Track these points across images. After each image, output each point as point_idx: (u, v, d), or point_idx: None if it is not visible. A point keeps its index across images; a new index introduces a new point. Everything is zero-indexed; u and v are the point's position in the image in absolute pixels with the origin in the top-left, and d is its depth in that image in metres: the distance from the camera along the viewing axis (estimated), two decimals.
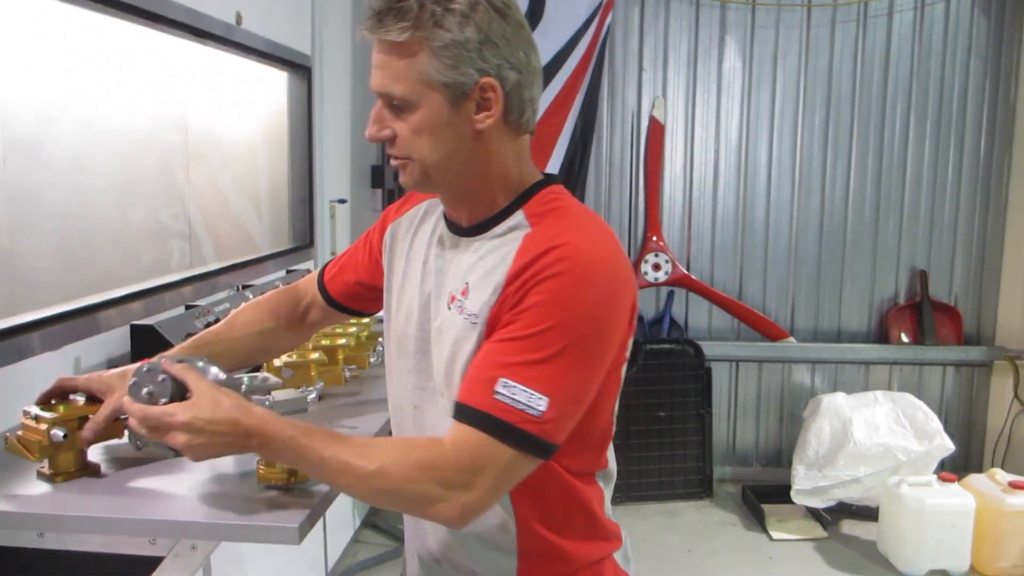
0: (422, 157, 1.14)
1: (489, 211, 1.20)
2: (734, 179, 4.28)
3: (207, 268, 2.61)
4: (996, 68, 4.11)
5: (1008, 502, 3.46)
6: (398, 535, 3.81)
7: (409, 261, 1.31)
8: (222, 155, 2.81)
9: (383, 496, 1.12)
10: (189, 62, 2.48)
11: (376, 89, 1.14)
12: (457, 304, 1.18)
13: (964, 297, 4.30)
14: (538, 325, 1.06)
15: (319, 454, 1.10)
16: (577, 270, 1.08)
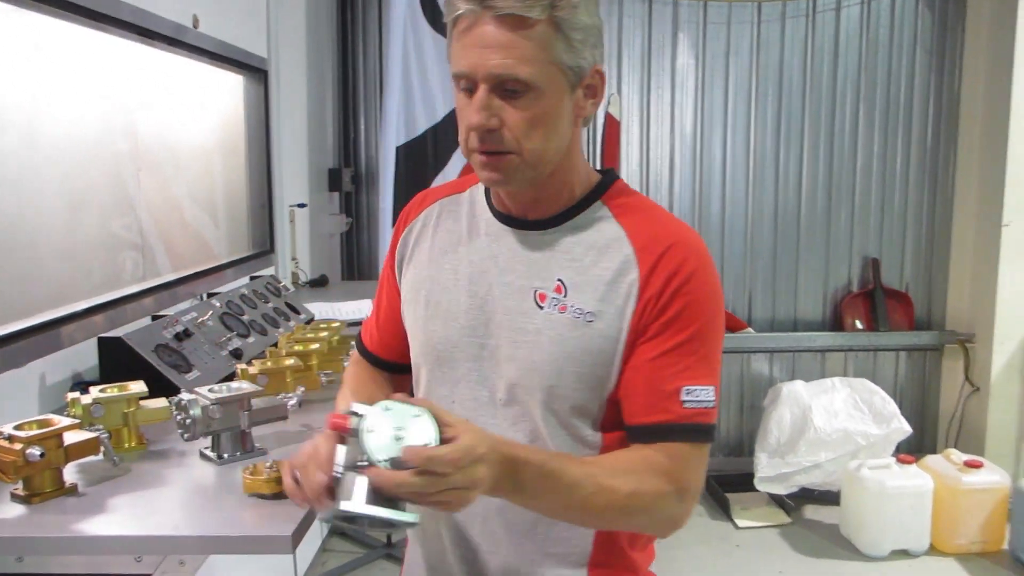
0: (533, 148, 1.07)
1: (568, 202, 1.17)
2: (689, 173, 4.32)
3: (167, 278, 2.55)
4: (940, 61, 4.22)
5: (964, 481, 3.55)
6: (367, 542, 3.78)
7: (437, 265, 1.22)
8: (175, 162, 2.74)
9: (631, 517, 1.09)
10: (138, 65, 2.41)
11: (495, 71, 1.03)
12: (553, 302, 1.12)
13: (915, 283, 4.41)
14: (690, 328, 1.09)
15: (571, 477, 1.02)
16: (700, 263, 1.12)
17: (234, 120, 3.12)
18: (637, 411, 1.10)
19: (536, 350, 1.11)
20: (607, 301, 1.11)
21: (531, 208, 1.17)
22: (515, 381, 1.13)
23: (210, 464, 1.54)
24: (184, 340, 2.01)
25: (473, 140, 1.08)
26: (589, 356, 1.10)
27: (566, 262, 1.14)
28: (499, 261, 1.17)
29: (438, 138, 3.81)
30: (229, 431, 1.55)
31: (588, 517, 1.09)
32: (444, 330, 1.18)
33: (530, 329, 1.12)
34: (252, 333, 2.33)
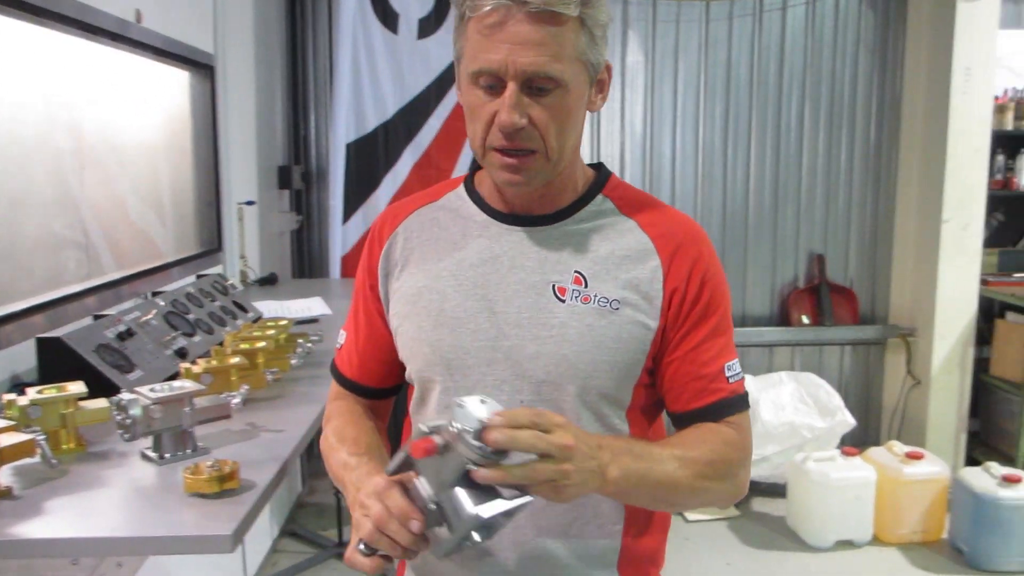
0: (554, 145, 1.08)
1: (573, 196, 1.18)
2: (640, 170, 4.36)
3: (110, 277, 2.50)
4: (883, 61, 4.31)
5: (906, 472, 3.64)
6: (319, 542, 3.76)
7: (432, 274, 1.19)
8: (120, 159, 2.70)
9: (710, 489, 1.12)
10: (82, 61, 2.37)
11: (528, 69, 1.02)
12: (575, 294, 1.12)
13: (859, 279, 4.50)
14: (718, 310, 1.15)
15: (659, 456, 1.07)
16: (711, 249, 1.18)
17: (180, 117, 3.07)
18: (690, 397, 1.15)
19: (564, 344, 1.11)
20: (630, 288, 1.13)
21: (537, 204, 1.17)
22: (544, 378, 1.11)
23: (151, 464, 1.52)
24: (127, 340, 1.98)
25: (498, 139, 1.06)
26: (620, 343, 1.12)
27: (581, 254, 1.14)
28: (504, 260, 1.16)
29: (389, 135, 3.80)
30: (171, 431, 1.54)
31: (678, 494, 1.11)
32: (453, 338, 1.15)
33: (554, 324, 1.11)
34: (198, 332, 2.31)
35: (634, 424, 1.18)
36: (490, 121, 1.06)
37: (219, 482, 1.35)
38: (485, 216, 1.20)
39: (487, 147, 1.08)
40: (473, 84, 1.06)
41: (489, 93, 1.05)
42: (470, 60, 1.06)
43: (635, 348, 1.13)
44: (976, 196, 4.01)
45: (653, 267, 1.14)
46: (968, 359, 4.16)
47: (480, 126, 1.08)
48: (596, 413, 1.14)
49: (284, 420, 1.75)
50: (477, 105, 1.07)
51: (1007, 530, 3.41)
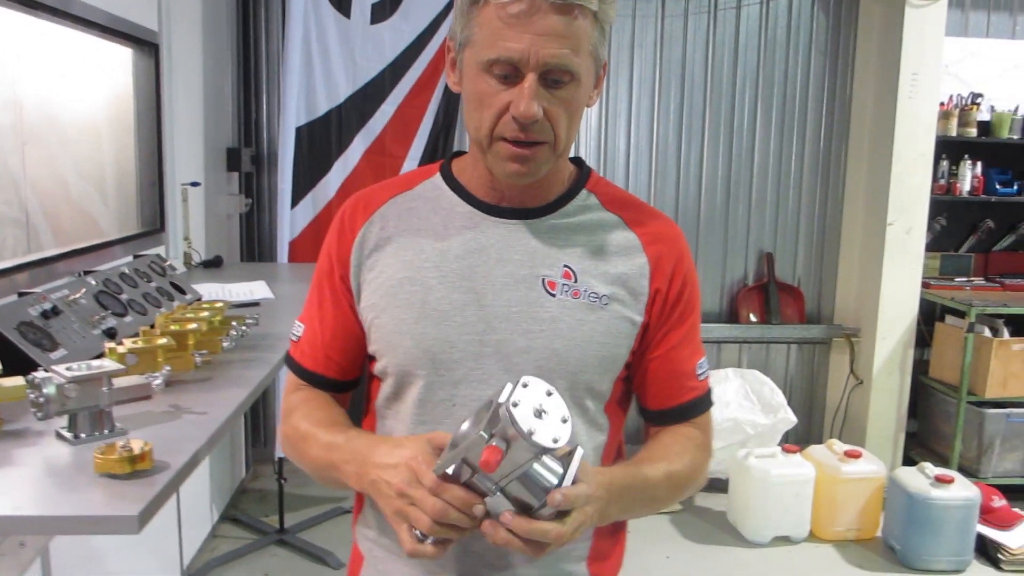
0: (563, 137, 1.08)
1: (560, 190, 1.18)
2: (594, 164, 4.35)
3: (44, 254, 2.46)
4: (834, 63, 4.36)
5: (844, 470, 3.70)
6: (260, 528, 3.73)
7: (413, 265, 1.15)
8: (62, 136, 2.65)
9: (685, 492, 1.20)
10: (22, 36, 2.32)
11: (551, 61, 1.02)
12: (565, 288, 1.12)
13: (806, 278, 4.55)
14: (694, 311, 1.20)
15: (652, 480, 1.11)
16: (688, 249, 1.21)
17: (124, 95, 3.02)
18: (667, 395, 1.19)
19: (556, 338, 1.11)
20: (618, 284, 1.14)
21: (526, 196, 1.15)
22: (534, 373, 1.08)
23: (65, 444, 1.49)
24: (52, 318, 1.94)
25: (511, 129, 1.04)
26: (609, 338, 1.13)
27: (570, 248, 1.14)
28: (491, 252, 1.14)
29: (340, 120, 3.76)
30: (87, 410, 1.51)
31: (659, 506, 1.18)
32: (438, 331, 1.12)
33: (544, 317, 1.11)
34: (130, 312, 2.26)
35: (612, 416, 1.20)
36: (502, 110, 1.04)
37: (130, 463, 1.33)
38: (468, 207, 1.17)
39: (495, 136, 1.06)
40: (485, 72, 1.04)
41: (502, 82, 1.03)
42: (486, 47, 1.03)
43: (621, 343, 1.15)
44: (920, 200, 4.08)
45: (640, 264, 1.15)
46: (908, 361, 4.23)
47: (490, 114, 1.05)
48: (581, 407, 1.15)
49: (209, 402, 1.73)
50: (488, 93, 1.05)
51: (937, 529, 3.48)
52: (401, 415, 1.17)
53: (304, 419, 1.20)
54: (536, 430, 0.87)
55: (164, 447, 1.46)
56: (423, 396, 1.14)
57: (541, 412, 0.89)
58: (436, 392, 1.13)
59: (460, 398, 1.12)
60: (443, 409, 1.13)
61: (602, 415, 1.19)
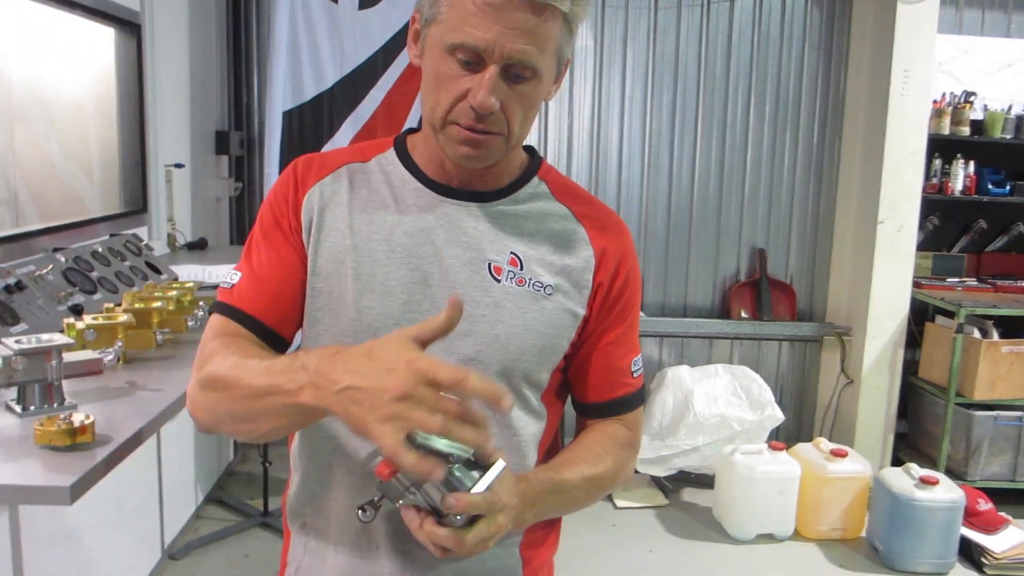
0: (515, 131, 1.07)
1: (511, 176, 1.17)
2: (587, 156, 4.35)
3: (19, 231, 2.45)
4: (828, 58, 4.32)
5: (829, 469, 3.67)
6: (245, 510, 3.73)
7: (361, 235, 1.12)
8: (48, 116, 2.65)
9: (608, 490, 1.21)
10: (7, 16, 2.32)
11: (515, 56, 1.00)
12: (510, 275, 1.12)
13: (798, 275, 4.52)
14: (634, 309, 1.20)
15: (570, 483, 1.11)
16: (633, 245, 1.22)
17: (107, 75, 3.02)
18: (601, 389, 1.20)
19: (496, 324, 1.10)
20: (563, 275, 1.14)
21: (478, 179, 1.14)
22: (472, 356, 1.09)
23: (13, 416, 1.49)
24: (15, 293, 1.94)
25: (465, 116, 1.03)
26: (550, 328, 1.13)
27: (517, 235, 1.14)
28: (439, 233, 1.12)
29: (332, 103, 3.75)
30: (35, 383, 1.50)
31: (579, 507, 1.17)
32: (382, 306, 1.09)
33: (487, 302, 1.10)
34: (100, 290, 2.26)
35: (549, 405, 1.20)
36: (460, 96, 1.03)
37: (70, 435, 1.32)
38: (419, 184, 1.15)
39: (449, 120, 1.05)
40: (447, 53, 1.02)
41: (463, 67, 1.02)
42: (452, 30, 1.01)
43: (562, 334, 1.14)
44: (911, 198, 4.04)
45: (586, 257, 1.15)
46: (898, 361, 4.19)
47: (447, 97, 1.04)
48: (518, 394, 1.13)
49: (165, 380, 1.72)
50: (447, 76, 1.03)
51: (921, 531, 3.45)
52: None
53: (228, 357, 1.03)
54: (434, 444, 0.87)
55: (110, 422, 1.46)
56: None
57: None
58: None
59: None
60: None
61: (540, 404, 1.18)
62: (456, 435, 0.86)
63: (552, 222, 1.16)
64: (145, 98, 3.08)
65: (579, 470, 1.13)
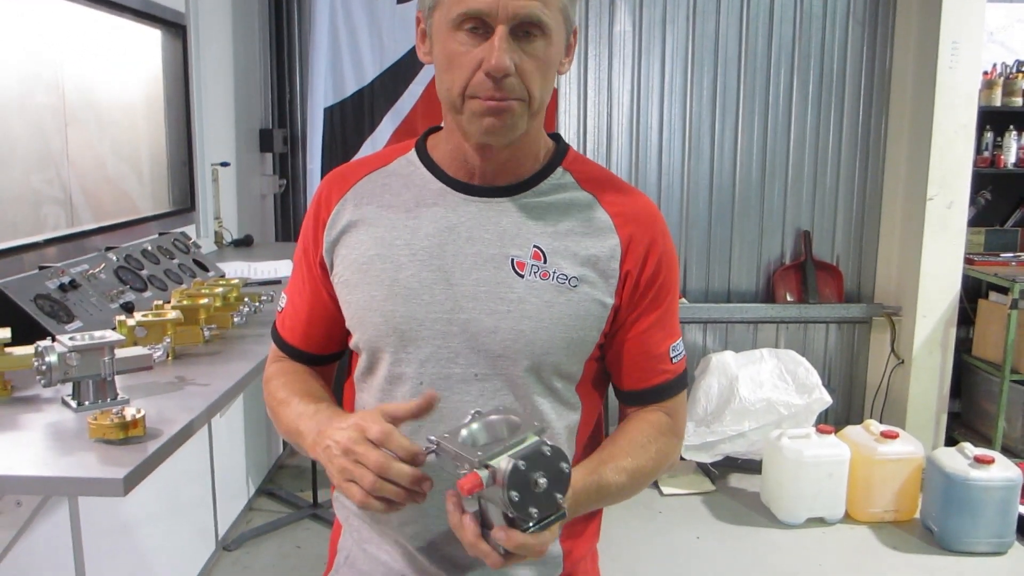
0: (537, 95, 1.06)
1: (534, 167, 1.16)
2: (627, 143, 4.32)
3: (73, 231, 2.53)
4: (873, 34, 4.23)
5: (880, 451, 3.62)
6: (294, 502, 3.80)
7: (385, 242, 1.15)
8: (100, 117, 2.73)
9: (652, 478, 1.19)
10: (61, 20, 2.40)
11: (521, 12, 1.00)
12: (534, 269, 1.11)
13: (845, 257, 4.45)
14: (670, 294, 1.18)
15: (612, 479, 1.10)
16: (666, 232, 1.19)
17: (154, 76, 3.09)
18: (640, 377, 1.18)
19: (523, 319, 1.10)
20: (589, 266, 1.12)
21: (499, 174, 1.14)
22: (500, 352, 1.10)
23: (68, 411, 1.54)
24: (69, 291, 2.00)
25: (483, 86, 1.03)
26: (577, 320, 1.11)
27: (540, 228, 1.12)
28: (461, 231, 1.12)
29: (373, 99, 3.79)
30: (90, 379, 1.55)
31: (624, 499, 1.16)
32: (407, 308, 1.11)
33: (512, 298, 1.10)
34: (150, 288, 2.32)
35: (585, 397, 1.19)
36: (474, 68, 1.02)
37: (122, 429, 1.36)
38: (441, 184, 1.16)
39: (467, 95, 1.04)
40: (455, 29, 1.03)
41: (473, 37, 1.02)
42: (455, 3, 1.02)
43: (591, 325, 1.13)
44: (961, 173, 3.95)
45: (612, 246, 1.13)
46: (950, 339, 4.11)
47: (462, 73, 1.04)
48: (548, 387, 1.14)
49: (213, 375, 1.77)
50: (459, 53, 1.03)
51: (976, 511, 3.39)
52: (372, 389, 1.18)
53: (282, 387, 1.22)
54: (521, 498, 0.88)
55: (161, 416, 1.50)
56: (391, 372, 1.14)
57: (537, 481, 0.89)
58: (403, 369, 1.13)
59: (427, 375, 1.12)
60: (410, 386, 1.12)
61: (574, 395, 1.17)
62: (385, 482, 0.94)
63: (576, 212, 1.15)
64: (191, 98, 3.15)
65: (622, 465, 1.12)
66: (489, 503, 0.91)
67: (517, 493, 0.87)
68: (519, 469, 0.87)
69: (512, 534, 0.89)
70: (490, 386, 1.11)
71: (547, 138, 1.19)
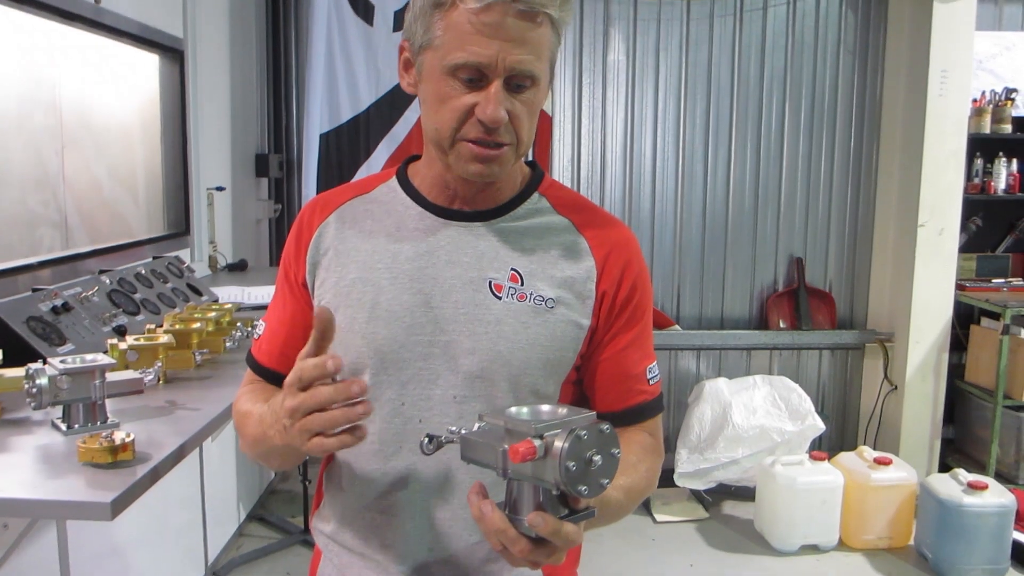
0: (524, 139, 1.09)
1: (511, 192, 1.19)
2: (620, 170, 4.35)
3: (67, 253, 2.53)
4: (864, 63, 4.28)
5: (873, 477, 3.62)
6: (285, 528, 3.78)
7: (367, 266, 1.16)
8: (97, 140, 2.74)
9: (640, 499, 1.19)
10: (60, 43, 2.42)
11: (517, 66, 1.03)
12: (511, 291, 1.13)
13: (837, 283, 4.47)
14: (644, 315, 1.20)
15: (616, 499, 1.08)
16: (639, 253, 1.21)
17: (151, 101, 3.11)
18: (617, 398, 1.19)
19: (500, 340, 1.11)
20: (565, 287, 1.14)
21: (478, 199, 1.16)
22: (478, 374, 1.11)
23: (58, 434, 1.54)
24: (62, 314, 2.00)
25: (475, 131, 1.06)
26: (554, 342, 1.13)
27: (518, 251, 1.15)
28: (440, 255, 1.15)
29: (368, 125, 3.81)
30: (80, 402, 1.55)
31: (618, 518, 1.15)
32: (388, 331, 1.13)
33: (489, 320, 1.12)
34: (143, 311, 2.33)
35: None
36: (467, 112, 1.05)
37: (111, 452, 1.36)
38: (420, 209, 1.18)
39: (458, 138, 1.07)
40: (449, 75, 1.05)
41: (466, 85, 1.04)
42: (452, 51, 1.03)
43: (567, 347, 1.14)
44: (952, 200, 3.98)
45: (587, 267, 1.16)
46: (943, 365, 4.13)
47: (453, 116, 1.06)
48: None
49: (203, 399, 1.77)
50: (451, 96, 1.05)
51: (971, 537, 3.38)
52: None
53: (246, 402, 1.20)
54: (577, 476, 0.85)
55: (151, 440, 1.50)
56: (373, 395, 1.13)
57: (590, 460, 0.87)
58: (384, 391, 1.14)
59: (408, 397, 1.13)
60: (392, 408, 1.13)
61: None
62: (335, 411, 0.92)
63: (552, 235, 1.17)
64: (188, 122, 3.17)
65: (619, 483, 1.10)
66: (525, 485, 0.89)
67: (574, 464, 0.84)
68: (580, 439, 0.85)
69: (549, 519, 0.86)
70: (468, 408, 1.12)
71: (524, 164, 1.22)
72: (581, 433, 0.85)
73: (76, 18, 2.43)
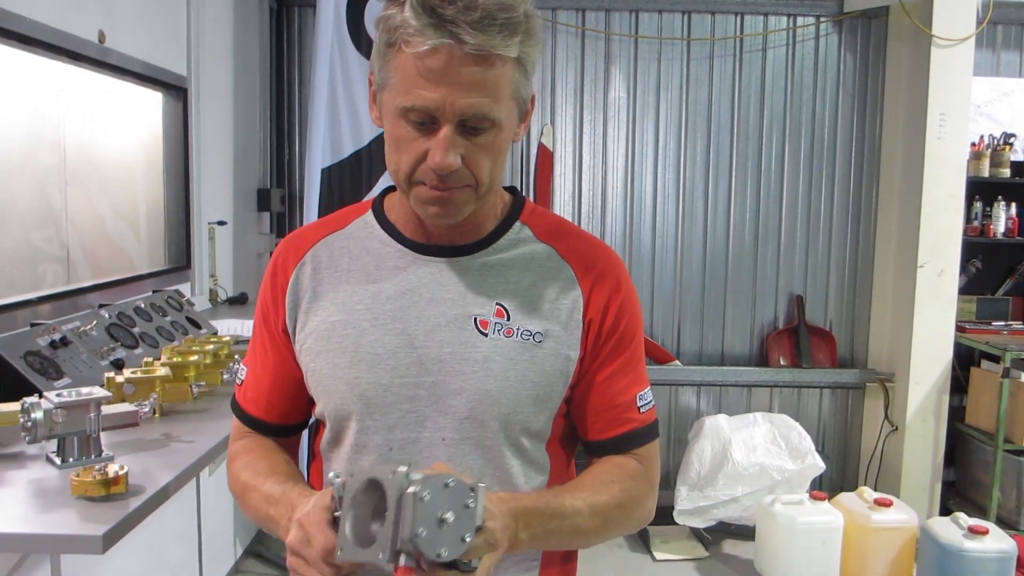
0: (483, 180, 1.05)
1: (492, 223, 1.15)
2: (621, 206, 4.38)
3: (68, 288, 2.55)
4: (863, 104, 4.32)
5: (874, 519, 3.58)
6: (283, 564, 3.74)
7: (346, 308, 1.13)
8: (100, 176, 2.77)
9: (620, 526, 1.15)
10: (65, 82, 2.46)
11: (468, 111, 0.99)
12: (497, 327, 1.10)
13: (838, 321, 4.47)
14: (633, 341, 1.17)
15: (571, 509, 1.06)
16: (627, 278, 1.18)
17: (155, 137, 3.14)
18: (603, 427, 1.15)
19: (488, 379, 1.08)
20: (552, 319, 1.11)
21: (456, 233, 1.13)
22: (467, 415, 1.08)
23: (52, 467, 1.54)
24: (60, 348, 2.01)
25: (428, 176, 1.02)
26: (544, 377, 1.10)
27: (502, 285, 1.12)
28: (422, 292, 1.11)
29: (371, 160, 3.84)
30: (75, 435, 1.56)
31: (585, 540, 1.12)
32: (372, 375, 1.10)
33: (476, 358, 1.08)
34: (142, 345, 2.33)
35: (554, 456, 1.17)
36: (420, 156, 1.02)
37: (104, 486, 1.37)
38: (399, 246, 1.15)
39: (414, 180, 1.04)
40: (401, 117, 1.01)
41: (419, 129, 1.01)
42: (401, 94, 1.00)
43: (557, 380, 1.12)
44: (951, 242, 3.99)
45: (574, 297, 1.13)
46: (943, 407, 4.11)
47: (408, 158, 1.03)
48: (517, 447, 1.12)
49: (199, 432, 1.77)
50: (405, 139, 1.02)
51: None
52: (340, 459, 1.15)
53: (245, 469, 1.16)
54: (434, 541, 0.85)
55: (145, 473, 1.50)
56: (359, 440, 1.12)
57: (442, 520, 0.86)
58: (371, 436, 1.11)
59: (396, 441, 1.10)
60: (379, 453, 1.11)
61: (542, 454, 1.16)
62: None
63: (537, 265, 1.14)
64: (190, 158, 3.20)
65: (581, 496, 1.08)
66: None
67: (424, 528, 0.83)
68: (423, 500, 0.84)
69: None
70: (458, 451, 1.09)
71: (504, 192, 1.19)
72: (424, 494, 0.84)
73: (81, 58, 2.47)
